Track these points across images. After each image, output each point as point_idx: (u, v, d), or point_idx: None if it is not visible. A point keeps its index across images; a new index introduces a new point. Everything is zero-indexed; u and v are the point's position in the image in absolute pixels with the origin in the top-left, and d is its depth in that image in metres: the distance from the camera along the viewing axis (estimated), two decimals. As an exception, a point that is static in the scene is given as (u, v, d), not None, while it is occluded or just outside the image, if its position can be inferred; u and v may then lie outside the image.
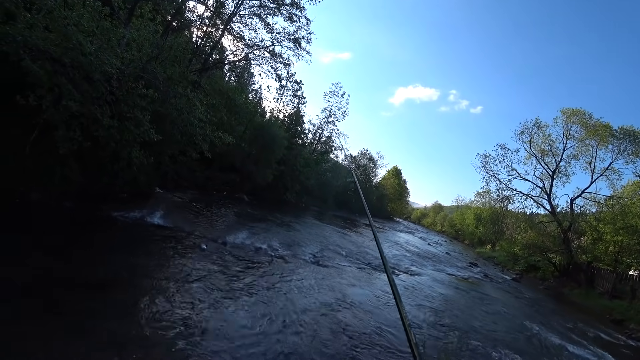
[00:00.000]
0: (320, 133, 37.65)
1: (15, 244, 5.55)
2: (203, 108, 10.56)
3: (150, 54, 9.21)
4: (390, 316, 7.47)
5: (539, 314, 12.49)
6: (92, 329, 3.97)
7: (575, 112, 23.48)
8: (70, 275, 5.07)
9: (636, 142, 21.35)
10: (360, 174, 50.20)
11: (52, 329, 3.78)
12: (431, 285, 12.22)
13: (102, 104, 7.47)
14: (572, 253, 21.31)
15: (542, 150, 24.99)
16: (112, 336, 3.96)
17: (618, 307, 15.63)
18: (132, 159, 8.38)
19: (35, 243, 5.82)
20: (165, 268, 6.45)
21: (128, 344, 3.90)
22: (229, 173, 20.71)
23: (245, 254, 9.05)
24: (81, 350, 3.57)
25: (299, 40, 17.78)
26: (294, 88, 30.68)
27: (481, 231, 46.67)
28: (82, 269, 5.42)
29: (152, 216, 9.37)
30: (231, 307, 5.64)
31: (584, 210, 23.45)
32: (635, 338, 12.24)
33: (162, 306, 4.93)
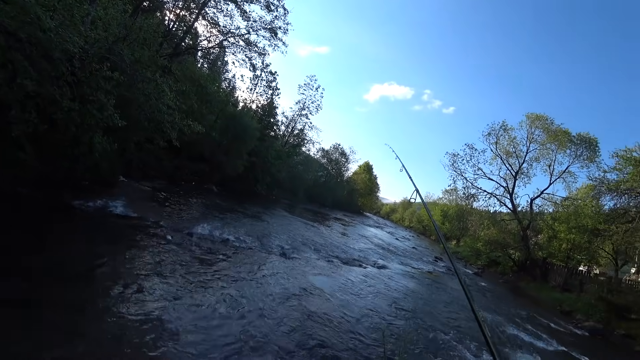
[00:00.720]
0: (293, 126, 37.44)
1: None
2: (172, 94, 10.14)
3: (118, 35, 8.71)
4: (355, 305, 7.62)
5: (497, 306, 13.17)
6: (49, 321, 3.76)
7: (539, 117, 24.80)
8: (25, 266, 4.77)
9: (591, 148, 22.92)
10: (332, 168, 50.46)
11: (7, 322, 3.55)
12: (397, 277, 12.52)
13: (62, 84, 6.99)
14: (530, 249, 22.75)
15: (507, 152, 26.21)
16: (71, 328, 3.77)
17: (567, 300, 16.83)
18: (94, 145, 7.94)
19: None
20: (128, 259, 6.20)
21: (87, 337, 3.73)
22: (198, 163, 20.19)
23: (212, 245, 8.88)
24: (39, 343, 3.37)
25: (276, 30, 17.50)
26: (268, 79, 30.24)
27: (447, 227, 48.20)
28: (38, 259, 5.10)
29: (115, 205, 8.97)
30: (195, 298, 5.51)
31: (542, 209, 25.06)
32: (581, 327, 13.29)
33: (124, 298, 4.74)
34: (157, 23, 12.13)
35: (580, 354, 9.29)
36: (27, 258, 5.03)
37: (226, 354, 4.29)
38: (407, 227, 71.02)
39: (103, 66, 7.75)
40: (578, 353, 9.36)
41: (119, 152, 9.65)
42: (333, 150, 51.40)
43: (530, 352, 8.26)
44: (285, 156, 31.55)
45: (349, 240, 18.89)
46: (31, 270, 4.72)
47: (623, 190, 17.07)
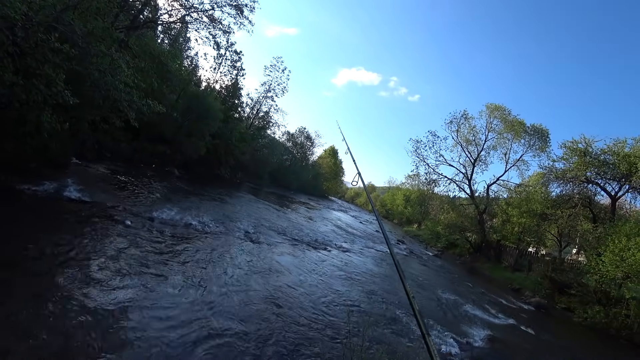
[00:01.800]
0: (258, 108, 36.59)
1: None
2: (130, 71, 9.48)
3: (67, 2, 7.94)
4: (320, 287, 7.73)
5: (454, 284, 14.00)
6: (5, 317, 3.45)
7: (498, 108, 25.96)
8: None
9: (542, 139, 24.60)
10: (297, 151, 50.17)
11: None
12: (360, 260, 12.82)
13: (3, 56, 6.32)
14: (485, 232, 24.28)
15: (467, 140, 27.29)
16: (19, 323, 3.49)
17: (517, 278, 18.30)
18: (43, 124, 7.27)
19: None
20: (83, 247, 5.83)
21: (37, 330, 3.47)
22: (159, 145, 19.32)
23: (174, 230, 8.60)
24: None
25: (242, 7, 16.77)
26: (233, 58, 29.17)
27: (409, 211, 49.88)
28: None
29: (67, 189, 8.39)
30: (156, 286, 5.33)
31: (498, 195, 26.65)
32: (528, 303, 14.55)
33: (79, 288, 4.47)
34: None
35: (526, 326, 10.16)
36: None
37: (187, 341, 4.18)
38: (371, 211, 72.56)
39: (51, 37, 7.04)
40: (524, 325, 10.25)
41: (71, 132, 8.94)
42: (298, 133, 51.05)
43: (483, 326, 8.90)
44: (249, 139, 30.90)
45: (313, 224, 18.99)
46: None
47: (568, 179, 18.51)
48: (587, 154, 17.45)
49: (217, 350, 4.23)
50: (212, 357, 4.06)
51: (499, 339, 8.15)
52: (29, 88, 6.75)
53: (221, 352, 4.21)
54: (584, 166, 17.33)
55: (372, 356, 4.90)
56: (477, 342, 7.52)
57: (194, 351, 4.05)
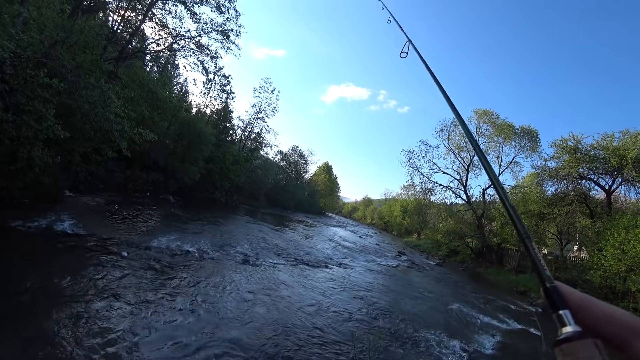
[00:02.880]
0: (250, 129, 36.81)
1: None
2: (120, 101, 9.53)
3: (55, 37, 8.02)
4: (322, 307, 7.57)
5: (459, 292, 13.78)
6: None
7: (486, 113, 26.40)
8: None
9: (532, 139, 25.03)
10: (291, 170, 50.24)
11: None
12: (363, 276, 12.63)
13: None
14: (485, 237, 24.17)
15: (459, 147, 27.59)
16: None
17: (522, 280, 18.08)
18: (34, 159, 7.22)
19: None
20: (78, 282, 5.68)
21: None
22: (152, 172, 19.25)
23: (172, 258, 8.43)
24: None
25: (228, 32, 17.07)
26: (222, 82, 29.54)
27: (407, 222, 49.75)
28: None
29: (61, 223, 8.24)
30: (155, 317, 5.16)
31: (494, 198, 26.49)
32: (534, 304, 14.27)
33: (73, 327, 4.31)
34: (100, 24, 11.31)
35: (536, 329, 9.95)
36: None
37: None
38: (369, 224, 72.47)
39: (40, 72, 7.08)
40: (534, 328, 10.05)
41: (62, 165, 8.89)
42: (291, 152, 51.25)
43: (491, 332, 8.73)
44: (243, 161, 30.93)
45: (312, 242, 18.83)
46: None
47: (562, 176, 18.65)
48: (577, 150, 17.68)
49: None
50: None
51: (509, 345, 8.00)
52: (19, 124, 6.73)
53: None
54: (576, 163, 17.51)
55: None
56: (487, 350, 7.36)
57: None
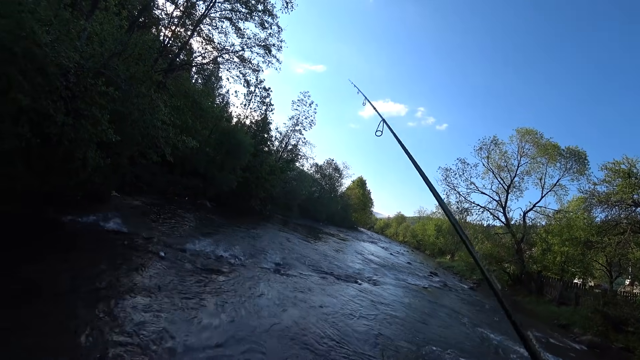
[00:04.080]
0: (287, 141, 37.46)
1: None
2: (167, 110, 10.12)
3: (113, 50, 8.72)
4: (351, 323, 7.48)
5: (493, 320, 13.03)
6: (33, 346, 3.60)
7: (529, 132, 25.20)
8: (9, 284, 4.60)
9: (580, 161, 23.29)
10: (326, 183, 50.48)
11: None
12: (393, 294, 12.37)
13: (57, 99, 6.94)
14: (524, 263, 22.66)
15: (499, 166, 26.49)
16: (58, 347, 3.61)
17: (564, 313, 16.65)
18: (88, 160, 7.82)
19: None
20: (119, 276, 6.04)
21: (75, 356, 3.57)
22: (192, 178, 20.06)
23: (206, 261, 8.72)
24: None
25: (270, 47, 17.68)
26: (262, 95, 30.41)
27: (441, 242, 48.23)
28: (24, 278, 4.94)
29: (107, 221, 8.82)
30: (189, 317, 5.36)
31: (535, 222, 25.23)
32: (578, 341, 13.08)
33: (115, 316, 4.59)
34: (153, 39, 12.17)
35: None
36: (14, 277, 4.86)
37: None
38: (401, 241, 70.90)
39: (98, 81, 7.72)
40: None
41: (112, 167, 9.53)
42: (327, 165, 51.54)
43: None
44: (279, 171, 31.46)
45: (343, 256, 18.73)
46: (19, 289, 4.56)
47: (613, 202, 17.19)
48: (631, 175, 16.30)
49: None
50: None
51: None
52: (77, 127, 7.34)
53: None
54: (630, 188, 16.10)
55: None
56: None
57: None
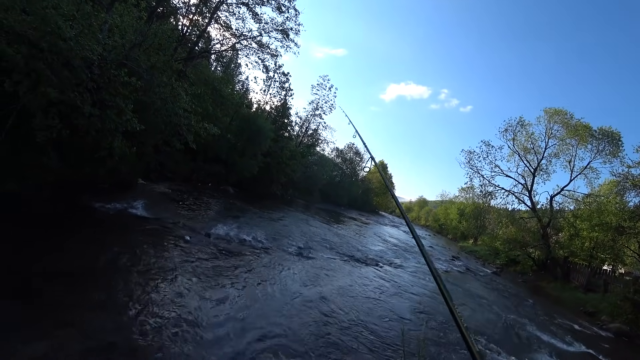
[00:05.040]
0: (307, 126, 37.50)
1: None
2: (188, 98, 10.33)
3: (134, 41, 8.93)
4: (373, 305, 7.60)
5: (517, 306, 12.88)
6: (71, 321, 3.89)
7: (558, 112, 24.02)
8: (48, 266, 4.95)
9: (614, 142, 21.86)
10: (347, 167, 50.40)
11: (30, 321, 3.70)
12: (414, 277, 12.41)
13: (83, 91, 7.23)
14: (550, 248, 21.91)
15: (525, 148, 25.50)
16: (92, 327, 3.89)
17: (591, 300, 16.13)
18: (114, 149, 8.16)
19: (10, 234, 5.65)
20: (148, 259, 6.35)
21: (108, 335, 3.84)
22: (214, 164, 20.50)
23: (229, 245, 9.00)
24: (59, 343, 3.50)
25: (287, 31, 17.58)
26: (281, 80, 30.41)
27: (464, 226, 47.58)
28: (61, 260, 5.29)
29: (134, 207, 9.21)
30: (215, 298, 5.61)
31: (563, 207, 24.17)
32: (605, 329, 12.71)
33: (144, 298, 4.87)
34: (172, 28, 12.35)
35: (605, 356, 8.97)
36: (50, 259, 5.22)
37: (248, 353, 4.36)
38: (423, 225, 70.48)
39: (121, 72, 7.97)
40: (603, 355, 9.04)
41: (137, 155, 9.89)
42: (347, 149, 51.29)
43: (552, 353, 8.03)
44: (299, 156, 31.67)
45: (364, 240, 18.85)
46: (54, 271, 4.89)
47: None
48: (669, 157, 15.48)
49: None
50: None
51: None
52: (103, 118, 7.64)
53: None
54: None
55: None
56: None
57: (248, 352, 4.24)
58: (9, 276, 4.41)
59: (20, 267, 4.69)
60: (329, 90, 36.41)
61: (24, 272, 4.61)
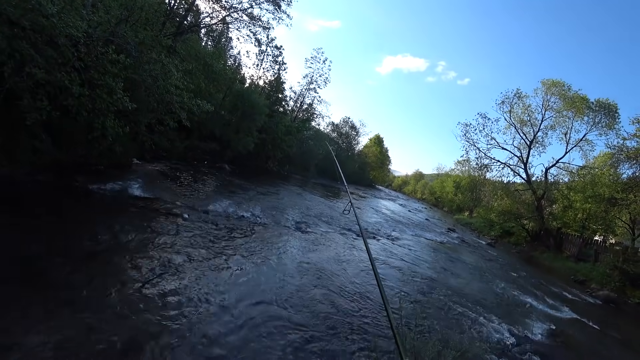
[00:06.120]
0: (302, 100, 37.02)
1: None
2: (179, 74, 10.09)
3: (120, 16, 8.63)
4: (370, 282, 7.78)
5: (510, 274, 13.29)
6: (73, 301, 3.96)
7: (555, 84, 23.82)
8: (48, 249, 4.97)
9: (610, 114, 21.84)
10: (342, 141, 50.18)
11: (33, 302, 3.76)
12: (410, 249, 12.65)
13: (70, 70, 7.03)
14: (544, 219, 22.44)
15: (521, 121, 25.48)
16: (95, 307, 3.97)
17: (582, 269, 16.76)
18: (107, 129, 8.03)
19: (7, 218, 5.65)
20: (147, 238, 6.40)
21: (112, 315, 3.92)
22: (209, 142, 20.35)
23: (227, 222, 9.07)
24: (63, 323, 3.57)
25: (279, 2, 17.03)
26: (274, 54, 29.76)
27: (460, 199, 48.11)
28: (61, 242, 5.32)
29: (131, 187, 9.18)
30: (216, 274, 5.71)
31: (558, 179, 24.43)
32: (594, 296, 13.30)
33: (147, 276, 4.94)
34: (158, 2, 11.91)
35: (592, 322, 9.36)
36: (48, 242, 5.24)
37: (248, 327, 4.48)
38: (420, 199, 71.21)
39: (108, 49, 7.73)
40: (591, 321, 9.43)
41: (131, 135, 9.76)
42: (343, 123, 50.96)
43: (542, 319, 8.35)
44: (295, 131, 31.41)
45: (362, 214, 19.04)
46: (53, 253, 4.92)
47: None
48: (665, 129, 15.46)
49: (272, 332, 4.50)
50: (267, 338, 4.33)
51: (560, 334, 7.65)
52: (94, 97, 7.48)
53: (276, 335, 4.47)
54: None
55: (424, 343, 4.92)
56: (536, 336, 7.13)
57: (251, 331, 4.36)
58: (7, 260, 4.44)
59: (18, 251, 4.71)
60: (323, 63, 35.78)
61: (23, 255, 4.63)
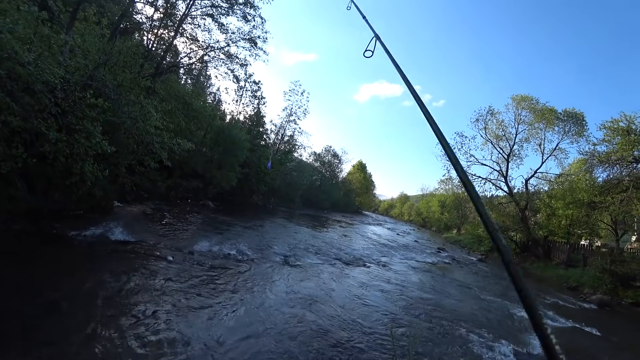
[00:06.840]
0: (283, 132, 37.46)
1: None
2: (159, 115, 10.09)
3: (98, 61, 8.66)
4: (361, 306, 7.61)
5: (503, 289, 13.20)
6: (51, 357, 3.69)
7: (524, 98, 25.03)
8: (23, 303, 4.68)
9: (578, 123, 23.04)
10: (326, 170, 50.55)
11: None
12: (402, 274, 12.51)
13: (47, 116, 6.93)
14: (530, 230, 22.70)
15: (497, 136, 26.34)
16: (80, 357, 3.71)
17: (572, 275, 16.83)
18: (86, 174, 7.85)
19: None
20: (131, 284, 6.12)
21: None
22: (192, 180, 20.14)
23: (213, 261, 8.81)
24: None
25: (255, 39, 17.55)
26: (252, 89, 30.28)
27: (446, 217, 48.49)
28: (37, 295, 5.02)
29: (112, 232, 8.88)
30: (202, 318, 5.46)
31: (538, 189, 25.15)
32: (588, 301, 13.27)
33: (130, 325, 4.68)
34: (136, 44, 12.09)
35: (590, 327, 9.30)
36: (24, 296, 4.94)
37: None
38: (407, 220, 71.39)
39: (86, 94, 7.70)
40: (588, 326, 9.36)
41: (111, 178, 9.57)
42: (325, 152, 51.57)
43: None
44: (278, 164, 31.52)
45: (350, 241, 18.88)
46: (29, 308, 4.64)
47: (614, 161, 17.06)
48: (630, 132, 16.11)
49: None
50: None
51: (560, 345, 7.55)
52: (71, 142, 7.35)
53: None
54: (629, 145, 15.89)
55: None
56: (536, 350, 7.02)
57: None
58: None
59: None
60: (302, 95, 36.62)
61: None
